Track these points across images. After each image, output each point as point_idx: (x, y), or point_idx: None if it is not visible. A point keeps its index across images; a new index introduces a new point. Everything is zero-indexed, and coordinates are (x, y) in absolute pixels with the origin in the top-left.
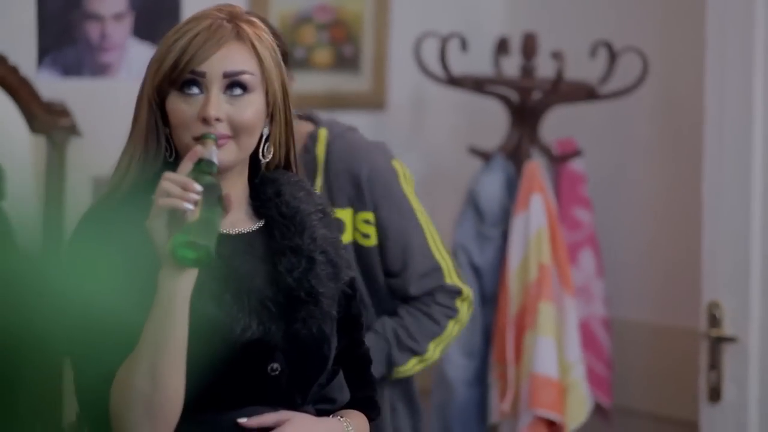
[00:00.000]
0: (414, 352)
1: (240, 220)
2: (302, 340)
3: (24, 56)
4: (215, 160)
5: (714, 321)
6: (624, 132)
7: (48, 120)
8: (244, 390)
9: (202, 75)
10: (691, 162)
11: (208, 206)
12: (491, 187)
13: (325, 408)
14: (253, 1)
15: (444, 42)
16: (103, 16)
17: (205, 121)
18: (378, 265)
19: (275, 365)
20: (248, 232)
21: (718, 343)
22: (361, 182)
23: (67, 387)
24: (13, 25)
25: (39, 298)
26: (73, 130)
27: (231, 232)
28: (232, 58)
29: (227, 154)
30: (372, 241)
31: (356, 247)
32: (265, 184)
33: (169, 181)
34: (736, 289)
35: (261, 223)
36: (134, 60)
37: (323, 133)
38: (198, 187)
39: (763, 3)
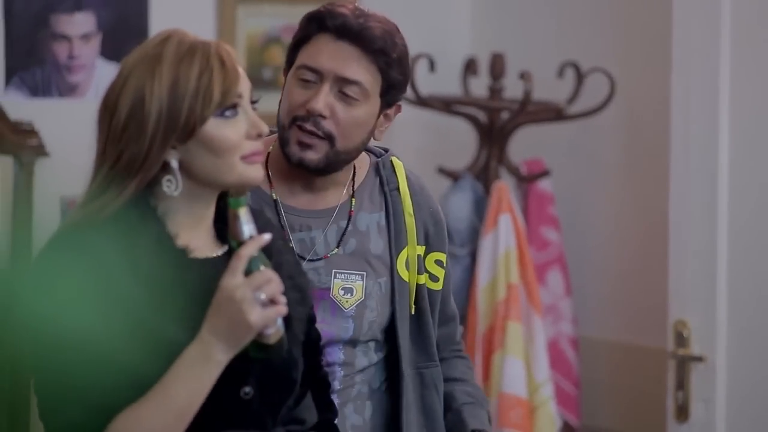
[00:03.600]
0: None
1: (207, 245)
2: (274, 364)
3: None
4: (250, 227)
5: (681, 340)
6: (591, 152)
7: (15, 140)
8: (216, 413)
9: (241, 96)
10: (658, 181)
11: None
12: (459, 207)
13: (294, 429)
14: (220, 23)
15: (412, 62)
16: (70, 36)
17: (257, 137)
18: (438, 311)
19: (248, 389)
20: (215, 257)
21: (685, 362)
22: (441, 220)
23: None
24: None
25: (6, 319)
26: (40, 150)
27: (199, 256)
28: (245, 75)
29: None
30: (439, 285)
31: (427, 290)
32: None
33: (273, 281)
34: (703, 308)
35: (225, 248)
36: (102, 80)
37: (400, 164)
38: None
39: (728, 24)
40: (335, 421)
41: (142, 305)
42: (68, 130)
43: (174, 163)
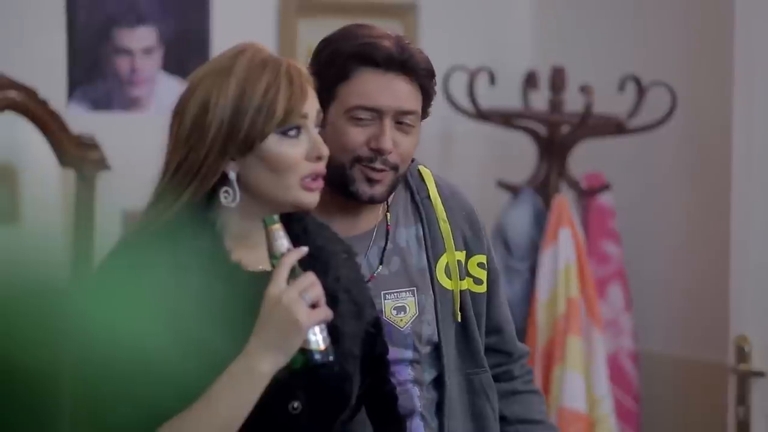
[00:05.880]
0: None
1: (263, 261)
2: (323, 379)
3: (54, 90)
4: (286, 242)
5: (742, 355)
6: (652, 166)
7: (77, 153)
8: (265, 427)
9: (306, 116)
10: (719, 196)
11: None
12: (519, 220)
13: None
14: (282, 36)
15: (472, 76)
16: (132, 50)
17: (317, 159)
18: (485, 315)
19: (296, 403)
20: (268, 272)
21: (746, 377)
22: (476, 221)
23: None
24: (43, 58)
25: (68, 331)
26: (102, 163)
27: (256, 270)
28: (314, 96)
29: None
30: (483, 288)
31: (470, 294)
32: (292, 222)
33: (317, 284)
34: (764, 323)
35: None
36: (163, 94)
37: (428, 172)
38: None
39: None
40: None
41: (193, 318)
42: (130, 143)
43: (232, 175)
